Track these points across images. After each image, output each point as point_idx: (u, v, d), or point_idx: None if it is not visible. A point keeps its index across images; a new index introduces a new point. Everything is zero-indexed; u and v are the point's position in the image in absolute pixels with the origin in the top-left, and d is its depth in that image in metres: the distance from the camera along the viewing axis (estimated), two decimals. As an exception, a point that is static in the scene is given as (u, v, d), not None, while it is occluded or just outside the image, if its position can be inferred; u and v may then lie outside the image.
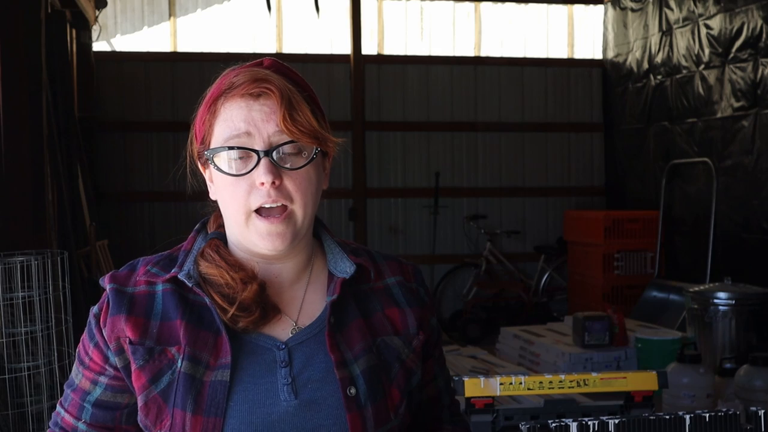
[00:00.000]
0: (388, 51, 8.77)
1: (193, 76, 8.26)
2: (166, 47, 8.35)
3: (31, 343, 3.43)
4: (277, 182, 1.23)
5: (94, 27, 7.77)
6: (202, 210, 1.42)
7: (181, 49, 8.37)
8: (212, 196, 1.34)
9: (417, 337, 1.35)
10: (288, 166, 1.24)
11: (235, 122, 1.25)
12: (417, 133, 8.71)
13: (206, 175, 1.34)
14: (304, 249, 1.34)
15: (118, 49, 8.29)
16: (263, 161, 1.23)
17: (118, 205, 8.14)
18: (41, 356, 3.42)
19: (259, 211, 1.24)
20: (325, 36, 8.65)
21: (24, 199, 4.56)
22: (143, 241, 8.11)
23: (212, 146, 1.28)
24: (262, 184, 1.23)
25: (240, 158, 1.24)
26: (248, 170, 1.24)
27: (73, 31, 7.06)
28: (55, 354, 3.45)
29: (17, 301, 3.37)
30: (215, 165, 1.27)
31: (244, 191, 1.24)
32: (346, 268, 1.33)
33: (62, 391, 1.38)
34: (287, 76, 1.30)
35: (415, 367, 1.34)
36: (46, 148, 5.08)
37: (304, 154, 1.26)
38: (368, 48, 8.65)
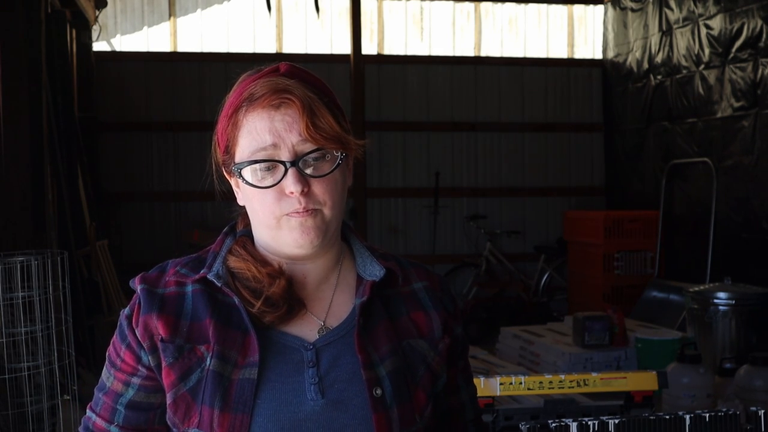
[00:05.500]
0: (388, 51, 8.77)
1: (193, 76, 8.27)
2: (166, 47, 8.36)
3: (31, 343, 3.43)
4: (306, 190, 1.25)
5: (94, 27, 7.77)
6: (230, 215, 1.42)
7: (181, 49, 8.37)
8: (240, 201, 1.36)
9: (442, 341, 1.36)
10: (314, 172, 1.26)
11: (260, 134, 1.26)
12: (417, 133, 8.72)
13: (232, 182, 1.35)
14: (331, 249, 1.35)
15: (118, 49, 8.29)
16: (291, 171, 1.24)
17: (118, 205, 8.14)
18: (41, 356, 3.42)
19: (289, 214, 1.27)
20: (325, 36, 8.65)
21: (24, 199, 4.57)
22: (143, 241, 8.11)
23: (238, 158, 1.29)
24: (292, 193, 1.24)
25: (268, 170, 1.26)
26: (276, 182, 1.25)
27: (73, 31, 7.06)
28: (55, 354, 3.45)
29: (17, 301, 3.37)
30: (243, 178, 1.28)
31: (274, 199, 1.26)
32: (375, 271, 1.35)
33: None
34: (306, 82, 1.30)
35: (441, 371, 1.35)
36: (46, 148, 5.08)
37: (329, 157, 1.27)
38: (368, 48, 8.65)
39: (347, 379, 1.26)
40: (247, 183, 1.27)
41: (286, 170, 1.24)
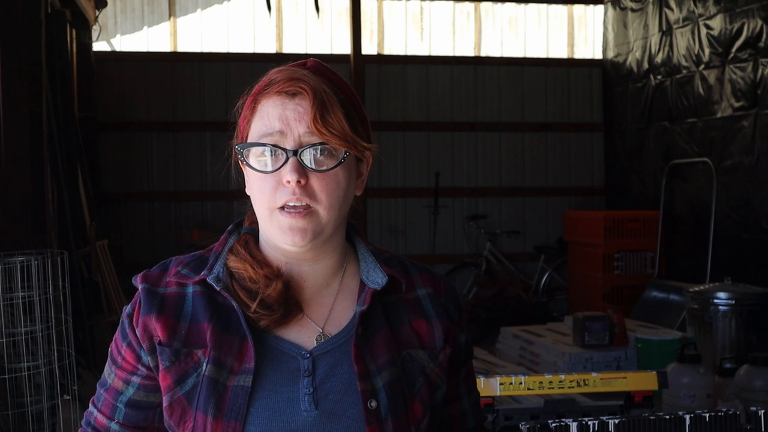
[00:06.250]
0: (388, 51, 8.77)
1: (193, 76, 8.27)
2: (166, 47, 8.36)
3: (31, 343, 3.43)
4: (302, 181, 1.23)
5: (94, 27, 7.77)
6: (243, 208, 1.41)
7: (181, 49, 8.37)
8: (247, 191, 1.34)
9: (443, 351, 1.33)
10: (315, 166, 1.25)
11: (270, 120, 1.25)
12: (417, 133, 8.72)
13: (245, 171, 1.34)
14: (333, 254, 1.33)
15: (118, 49, 8.29)
16: (291, 160, 1.23)
17: (118, 205, 8.14)
18: (41, 356, 3.42)
19: (283, 207, 1.25)
20: (325, 36, 8.65)
21: (24, 199, 4.57)
22: (143, 241, 8.11)
23: (247, 142, 1.29)
24: (288, 182, 1.23)
25: (270, 155, 1.25)
26: (276, 168, 1.24)
27: (73, 31, 7.06)
28: (55, 354, 3.45)
29: (17, 301, 3.37)
30: (246, 161, 1.28)
31: (271, 188, 1.25)
32: (378, 278, 1.32)
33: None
34: (327, 78, 1.30)
35: (440, 382, 1.33)
36: (46, 148, 5.08)
37: (333, 156, 1.26)
38: (368, 48, 8.65)
39: (342, 390, 1.24)
40: (249, 165, 1.27)
41: (287, 158, 1.23)
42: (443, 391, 1.34)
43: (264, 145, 1.25)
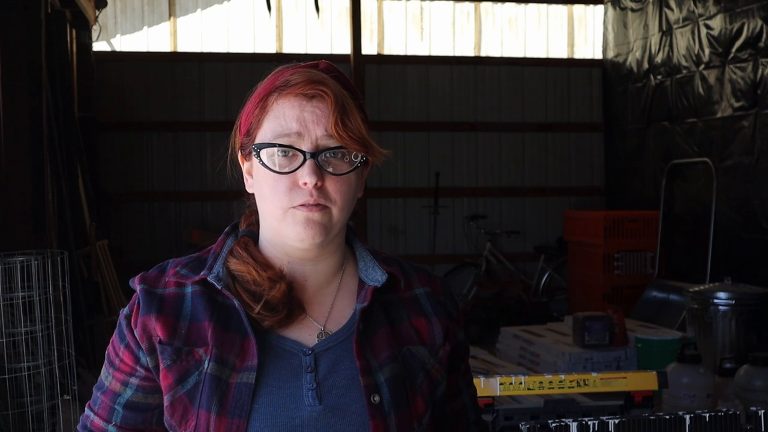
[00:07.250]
0: (388, 51, 8.77)
1: (193, 76, 8.27)
2: (166, 47, 8.36)
3: (31, 343, 3.43)
4: (319, 184, 1.24)
5: (94, 27, 7.77)
6: (239, 209, 1.41)
7: (181, 49, 8.37)
8: (249, 189, 1.34)
9: (443, 348, 1.35)
10: (331, 169, 1.26)
11: (287, 120, 1.25)
12: (417, 133, 8.72)
13: (244, 168, 1.34)
14: (334, 254, 1.34)
15: (118, 49, 8.29)
16: (308, 162, 1.24)
17: (118, 205, 8.14)
18: (41, 356, 3.42)
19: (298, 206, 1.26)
20: (325, 36, 8.65)
21: (24, 199, 4.57)
22: (143, 241, 8.11)
23: (259, 140, 1.28)
24: (305, 184, 1.24)
25: (286, 156, 1.25)
26: (293, 169, 1.25)
27: (73, 31, 7.06)
28: (55, 354, 3.45)
29: (17, 301, 3.37)
30: (260, 159, 1.27)
31: (286, 188, 1.25)
32: (377, 276, 1.34)
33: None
34: (341, 82, 1.31)
35: (440, 378, 1.35)
36: (46, 148, 5.08)
37: (349, 159, 1.27)
38: (368, 48, 8.65)
39: (345, 385, 1.26)
40: (264, 165, 1.26)
41: (305, 161, 1.24)
42: (443, 387, 1.35)
43: (283, 146, 1.25)
